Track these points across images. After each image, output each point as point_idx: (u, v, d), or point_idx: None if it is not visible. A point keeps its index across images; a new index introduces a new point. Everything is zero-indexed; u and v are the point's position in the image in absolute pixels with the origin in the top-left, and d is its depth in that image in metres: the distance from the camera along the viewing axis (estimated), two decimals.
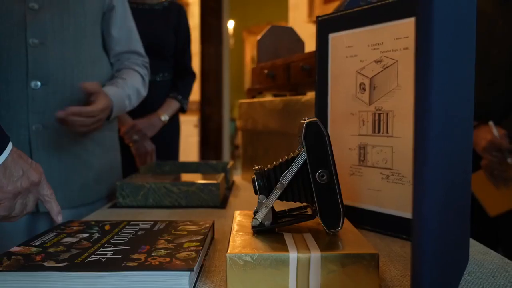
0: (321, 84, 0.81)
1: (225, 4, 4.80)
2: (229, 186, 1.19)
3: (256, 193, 0.57)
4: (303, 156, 0.55)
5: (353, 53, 0.76)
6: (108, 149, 1.09)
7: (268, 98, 1.26)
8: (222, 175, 1.06)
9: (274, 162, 0.58)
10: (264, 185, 0.57)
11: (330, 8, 3.14)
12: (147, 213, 0.89)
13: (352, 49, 0.76)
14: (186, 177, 1.09)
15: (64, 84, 0.94)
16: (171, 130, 1.58)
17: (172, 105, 1.54)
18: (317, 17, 0.82)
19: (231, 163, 1.28)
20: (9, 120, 0.91)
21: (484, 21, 1.43)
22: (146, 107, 1.43)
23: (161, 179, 1.01)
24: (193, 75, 1.68)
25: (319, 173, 0.55)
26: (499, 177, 1.34)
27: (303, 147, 0.55)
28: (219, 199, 0.95)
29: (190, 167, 1.29)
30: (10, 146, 0.60)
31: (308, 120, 0.55)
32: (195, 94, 4.52)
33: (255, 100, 1.27)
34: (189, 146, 4.60)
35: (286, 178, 0.56)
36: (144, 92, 1.13)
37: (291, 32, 1.34)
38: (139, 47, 1.17)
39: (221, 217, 0.86)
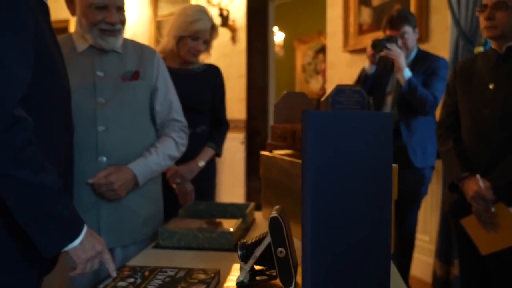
0: None
1: (270, 25, 5.12)
2: (248, 226, 1.48)
3: (240, 260, 0.86)
4: (268, 238, 0.83)
5: None
6: (153, 199, 1.42)
7: (282, 154, 1.54)
8: (239, 221, 1.36)
9: (253, 239, 0.87)
10: (244, 255, 0.86)
11: (363, 39, 3.33)
12: (179, 254, 1.21)
13: None
14: (213, 222, 1.40)
15: (121, 157, 1.29)
16: (208, 173, 1.92)
17: (208, 152, 1.88)
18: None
19: (251, 205, 1.57)
20: (81, 187, 1.26)
21: (480, 83, 1.61)
22: (188, 154, 1.77)
23: (192, 225, 1.33)
24: (227, 125, 2.01)
25: (278, 250, 0.82)
26: (487, 222, 1.52)
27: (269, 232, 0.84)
28: (233, 244, 1.24)
29: (219, 208, 1.59)
30: (85, 228, 0.93)
31: (272, 215, 0.83)
32: (240, 113, 4.89)
33: (272, 154, 1.55)
34: (236, 161, 4.96)
35: (258, 251, 0.84)
36: (177, 153, 1.46)
37: (303, 97, 1.61)
38: (178, 115, 1.50)
39: (233, 260, 1.14)
